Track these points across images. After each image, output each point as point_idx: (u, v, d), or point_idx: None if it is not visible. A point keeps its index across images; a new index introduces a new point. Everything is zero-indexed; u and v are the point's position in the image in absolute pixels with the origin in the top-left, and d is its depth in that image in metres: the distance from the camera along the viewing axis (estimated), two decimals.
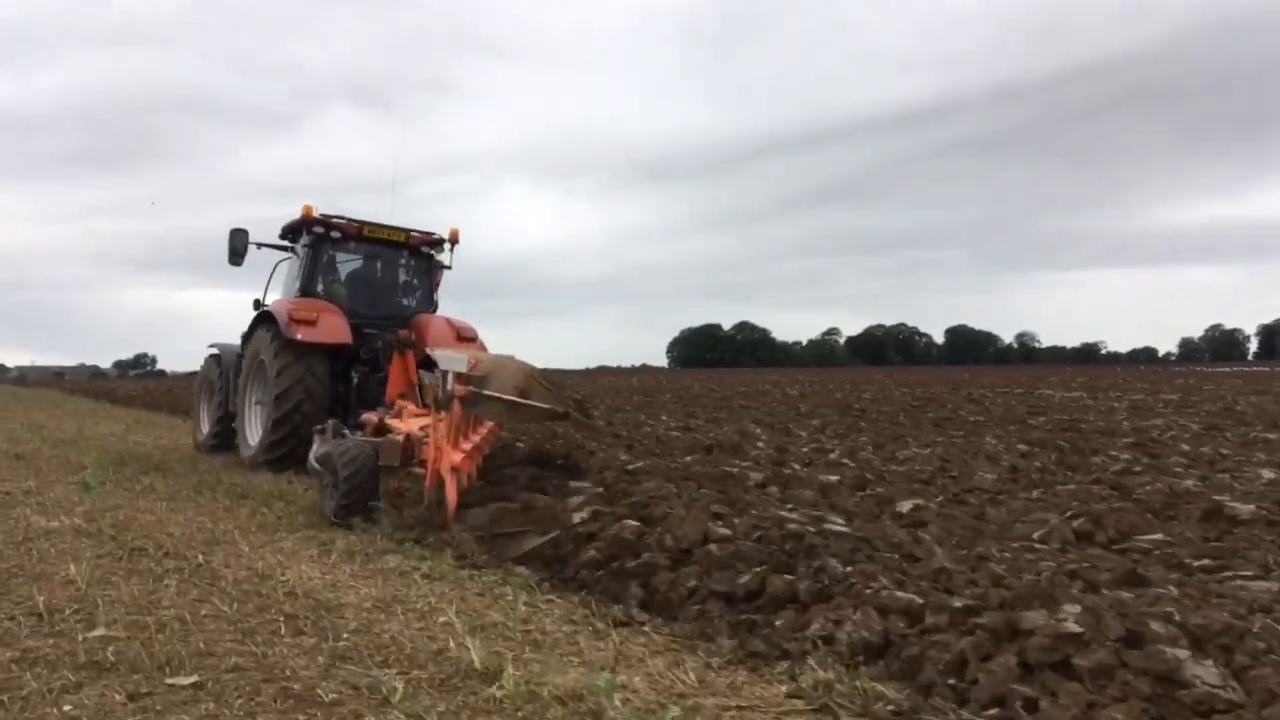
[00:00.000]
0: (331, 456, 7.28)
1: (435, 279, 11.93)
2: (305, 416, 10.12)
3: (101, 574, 5.28)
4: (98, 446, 13.11)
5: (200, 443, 12.69)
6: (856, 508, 6.59)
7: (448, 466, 6.75)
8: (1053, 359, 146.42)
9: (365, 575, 5.47)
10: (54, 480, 9.42)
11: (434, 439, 7.01)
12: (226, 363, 12.25)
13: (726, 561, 4.83)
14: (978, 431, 12.76)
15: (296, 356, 10.23)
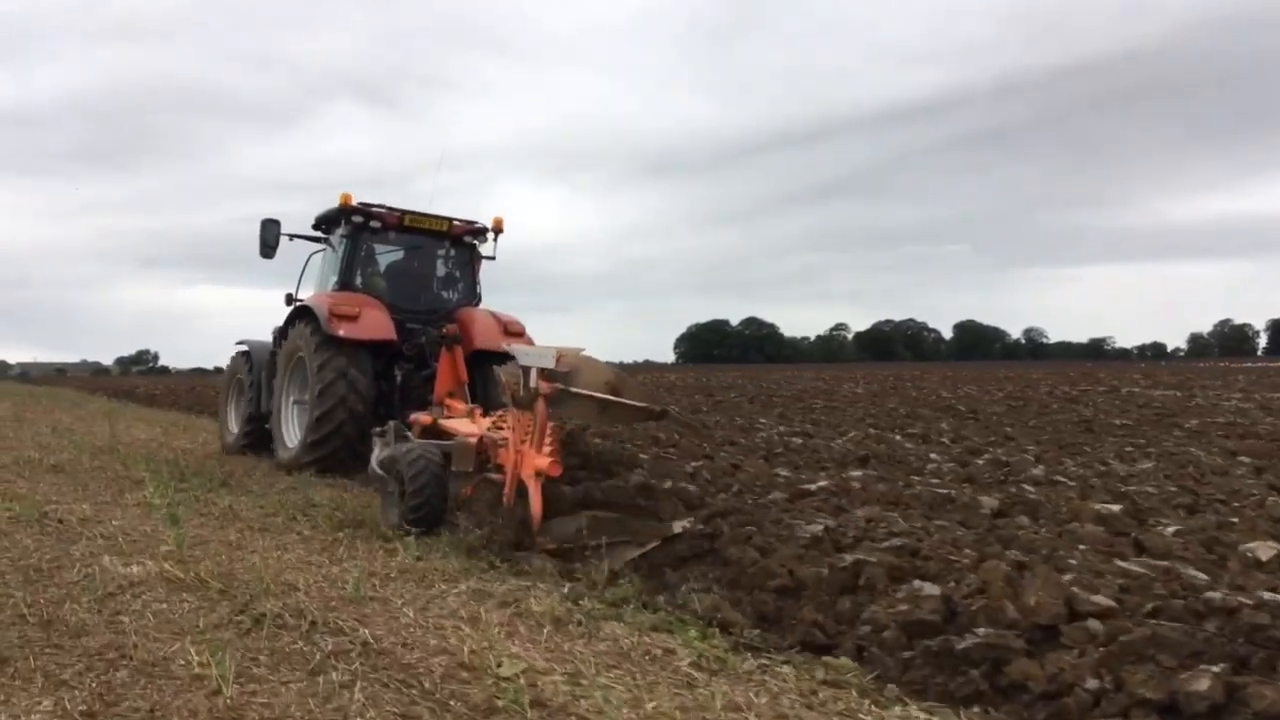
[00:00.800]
0: (397, 461, 6.65)
1: (477, 270, 11.29)
2: (349, 416, 9.52)
3: (239, 662, 3.66)
4: (142, 454, 11.49)
5: (229, 444, 12.06)
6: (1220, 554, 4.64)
7: (531, 472, 6.12)
8: (1061, 355, 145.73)
9: (609, 662, 3.89)
10: (109, 501, 7.77)
11: (513, 441, 6.38)
12: (257, 360, 11.62)
13: (1139, 649, 3.31)
14: (1155, 440, 10.52)
15: (338, 353, 9.62)
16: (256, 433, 11.46)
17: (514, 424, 6.39)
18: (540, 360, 6.01)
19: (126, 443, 13.36)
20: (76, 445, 12.74)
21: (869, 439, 10.66)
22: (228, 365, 12.66)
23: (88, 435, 14.66)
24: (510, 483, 6.34)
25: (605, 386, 6.17)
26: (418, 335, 10.40)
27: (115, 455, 11.40)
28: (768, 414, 15.50)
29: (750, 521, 5.63)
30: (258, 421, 11.41)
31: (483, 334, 10.29)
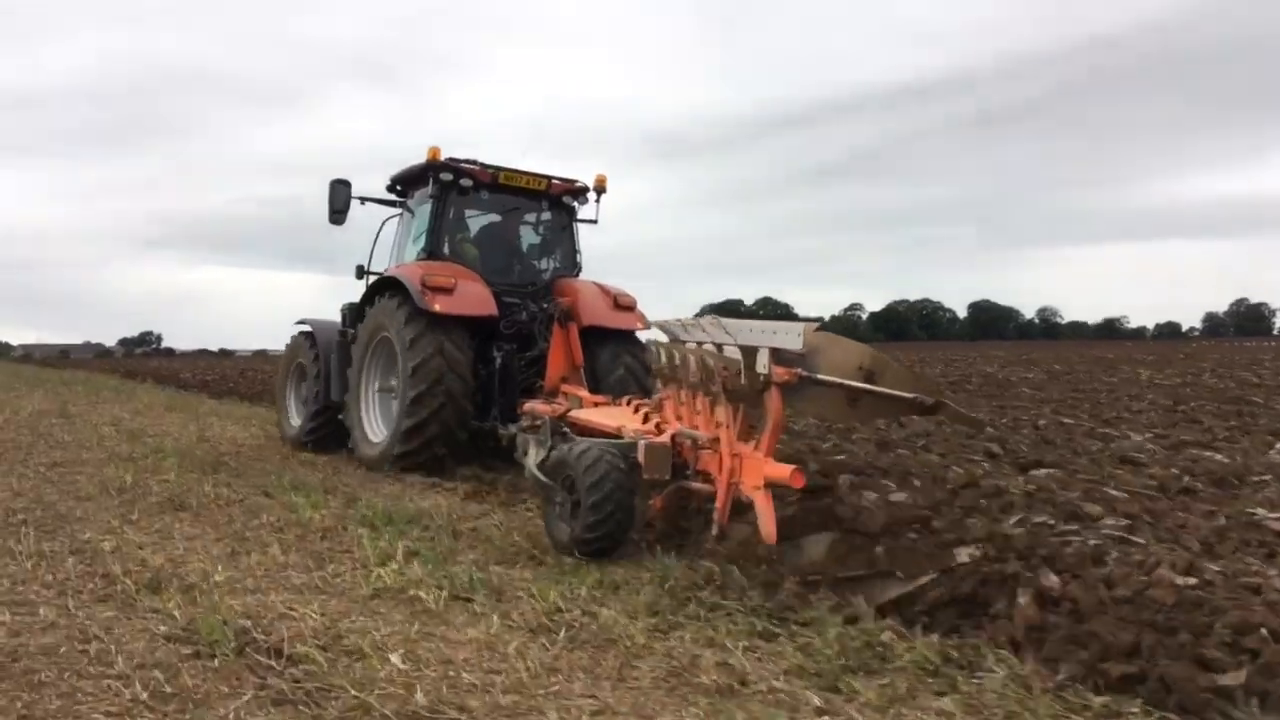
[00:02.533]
0: (568, 465, 5.20)
1: (577, 235, 9.81)
2: (448, 401, 8.09)
3: None
4: (266, 470, 8.47)
5: (292, 436, 10.61)
6: None
7: (760, 482, 4.68)
8: (1075, 334, 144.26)
9: None
10: (332, 590, 4.54)
11: (727, 442, 4.93)
12: (324, 342, 10.16)
13: None
14: None
15: (434, 332, 8.18)
16: (326, 424, 10.03)
17: (728, 421, 4.94)
18: (779, 338, 4.54)
19: (224, 449, 10.17)
20: (162, 451, 9.53)
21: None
22: (286, 348, 11.20)
23: (162, 434, 11.54)
24: (724, 496, 4.90)
25: (858, 372, 4.71)
26: (516, 310, 8.95)
27: (232, 473, 8.31)
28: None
29: (1059, 552, 4.16)
30: (327, 412, 9.99)
31: (591, 309, 8.84)
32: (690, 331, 6.29)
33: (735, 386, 4.95)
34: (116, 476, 7.80)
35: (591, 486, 5.00)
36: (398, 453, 8.15)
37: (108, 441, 10.75)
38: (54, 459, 9.09)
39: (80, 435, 11.51)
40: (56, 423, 13.18)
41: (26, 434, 11.56)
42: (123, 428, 12.49)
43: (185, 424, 13.21)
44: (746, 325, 4.77)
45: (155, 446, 10.03)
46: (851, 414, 4.79)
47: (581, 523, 5.05)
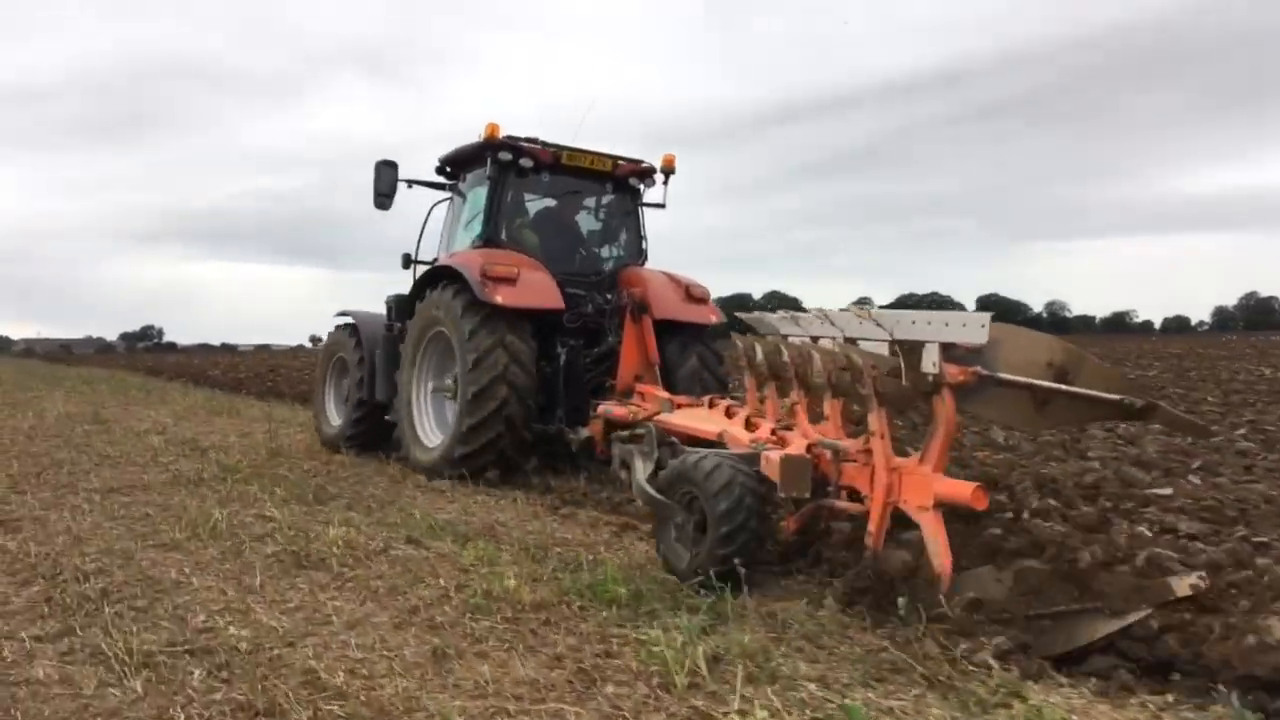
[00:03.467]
0: (692, 483, 4.54)
1: (642, 221, 9.14)
2: (512, 400, 7.43)
3: None
4: (380, 498, 6.89)
5: (332, 437, 9.95)
6: None
7: (928, 502, 4.02)
8: (1084, 329, 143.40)
9: None
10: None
11: (881, 454, 4.26)
12: (368, 336, 9.50)
13: None
14: None
15: (494, 324, 7.52)
16: (370, 426, 9.38)
17: (876, 429, 4.27)
18: (952, 331, 3.87)
19: (314, 466, 8.50)
20: (253, 478, 7.53)
21: None
22: (325, 342, 10.53)
23: (230, 449, 9.48)
24: (880, 517, 4.24)
25: (1047, 369, 4.04)
26: (581, 303, 8.29)
27: (357, 508, 6.48)
28: None
29: None
30: (372, 412, 9.34)
31: (662, 301, 8.19)
32: (802, 324, 5.64)
33: (889, 388, 4.28)
34: (198, 510, 6.09)
35: (724, 512, 4.34)
36: (457, 457, 7.50)
37: (163, 456, 9.07)
38: (107, 481, 7.50)
39: (126, 447, 9.78)
40: (92, 430, 11.43)
41: (62, 445, 9.94)
42: (171, 436, 10.80)
43: (242, 430, 11.59)
44: (907, 316, 4.09)
45: (224, 463, 8.33)
46: (1039, 419, 4.11)
47: (709, 549, 4.38)
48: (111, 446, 9.80)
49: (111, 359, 58.11)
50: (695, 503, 4.54)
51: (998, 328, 3.90)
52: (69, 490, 7.14)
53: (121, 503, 6.62)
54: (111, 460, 8.83)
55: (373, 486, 7.47)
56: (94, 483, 7.40)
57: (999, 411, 4.15)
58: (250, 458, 8.84)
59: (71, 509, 6.36)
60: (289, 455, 9.23)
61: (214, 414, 14.20)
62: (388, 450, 8.85)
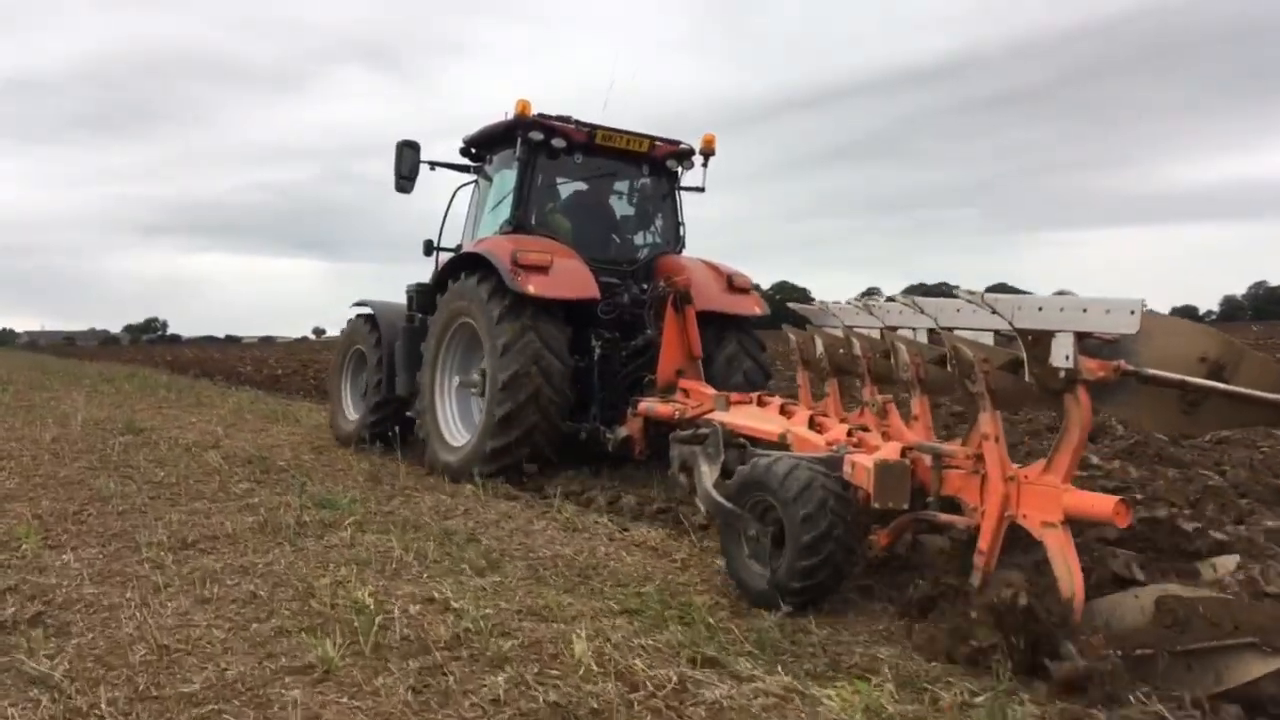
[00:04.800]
0: (765, 486, 4.00)
1: (680, 205, 8.58)
2: (545, 396, 6.92)
3: None
4: (585, 567, 4.74)
5: (348, 433, 9.45)
6: None
7: (1057, 517, 3.47)
8: None
9: None
10: None
11: (996, 462, 3.71)
12: (387, 327, 8.98)
13: None
14: None
15: (526, 317, 6.98)
16: (387, 421, 8.87)
17: (992, 431, 3.72)
18: (1093, 319, 3.31)
19: (451, 505, 6.30)
20: (408, 531, 5.41)
21: None
22: (342, 333, 10.01)
23: (315, 475, 7.44)
24: (993, 534, 3.68)
25: (1200, 364, 3.48)
26: (617, 292, 7.74)
27: (568, 583, 4.46)
28: None
29: None
30: (389, 406, 8.83)
31: (705, 292, 7.64)
32: (877, 314, 5.09)
33: (1003, 385, 3.73)
34: (331, 590, 4.14)
35: (806, 520, 3.79)
36: (488, 452, 6.95)
37: (232, 483, 6.96)
38: (173, 527, 5.41)
39: (180, 469, 7.51)
40: (130, 444, 9.06)
41: (99, 467, 7.67)
42: (230, 453, 8.56)
43: (312, 443, 9.50)
44: (1032, 302, 3.53)
45: (319, 497, 6.21)
46: (1188, 421, 3.55)
47: (789, 566, 3.84)
48: (162, 468, 7.57)
49: (119, 352, 57.36)
50: (770, 512, 4.00)
51: (1146, 317, 3.34)
52: (125, 545, 5.00)
53: (207, 570, 4.48)
54: (168, 491, 6.61)
55: (530, 536, 5.37)
56: (157, 531, 5.28)
57: (1140, 412, 3.58)
58: (344, 483, 7.02)
59: (138, 584, 4.27)
60: (394, 482, 7.12)
61: (267, 420, 11.98)
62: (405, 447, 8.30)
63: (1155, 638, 3.31)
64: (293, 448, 9.17)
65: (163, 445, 9.13)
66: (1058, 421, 3.83)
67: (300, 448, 9.21)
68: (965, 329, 4.09)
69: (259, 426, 11.25)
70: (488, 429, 6.96)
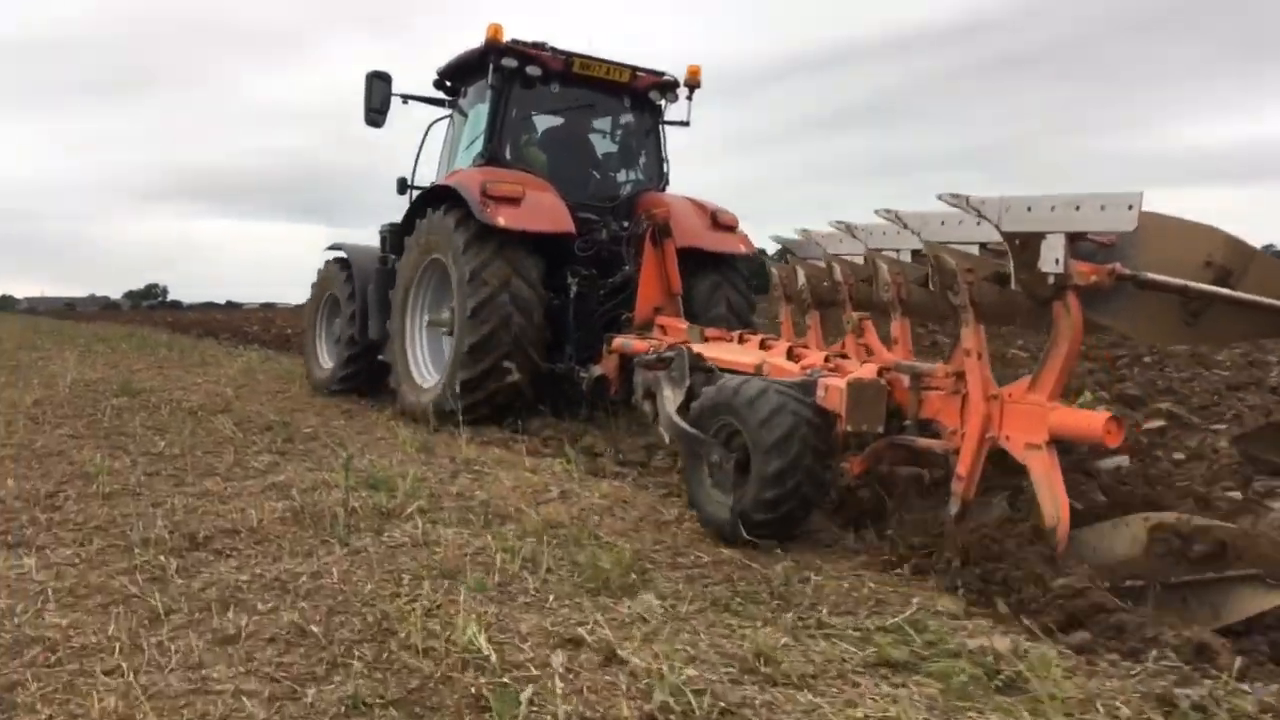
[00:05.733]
0: (733, 412, 3.69)
1: (664, 140, 8.21)
2: (514, 342, 6.56)
3: None
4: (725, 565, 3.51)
5: (321, 380, 9.17)
6: None
7: (1040, 439, 3.16)
8: None
9: None
10: None
11: (977, 382, 3.40)
12: (360, 270, 8.65)
13: None
14: None
15: (497, 252, 6.66)
16: (361, 367, 8.58)
17: (975, 346, 3.39)
18: (1087, 216, 2.96)
19: (518, 487, 4.76)
20: (441, 515, 4.19)
21: None
22: (316, 279, 9.68)
23: (351, 443, 6.03)
24: (972, 458, 3.37)
25: (1206, 269, 3.15)
26: (594, 229, 7.39)
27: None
28: None
29: None
30: (363, 352, 8.53)
31: (686, 227, 7.30)
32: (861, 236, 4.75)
33: (988, 297, 3.40)
34: (414, 626, 2.77)
35: (774, 444, 3.48)
36: (457, 392, 6.65)
37: (249, 455, 5.60)
38: (177, 516, 4.07)
39: (184, 437, 6.16)
40: (125, 407, 7.72)
41: (85, 435, 6.32)
42: (243, 418, 7.15)
43: (342, 407, 8.09)
44: (1020, 202, 3.18)
45: (365, 473, 4.80)
46: (1188, 332, 3.22)
47: (754, 496, 3.54)
48: (162, 437, 6.21)
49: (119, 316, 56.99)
50: (736, 438, 3.69)
51: (1145, 215, 2.99)
52: (110, 543, 3.68)
53: (226, 585, 3.19)
54: (170, 465, 5.26)
55: (664, 530, 4.01)
56: (155, 522, 3.93)
57: (1137, 323, 3.25)
58: (390, 455, 5.60)
59: (126, 609, 2.96)
60: (452, 453, 5.70)
61: (282, 380, 10.39)
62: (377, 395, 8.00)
63: (1148, 569, 3.03)
64: (317, 411, 7.82)
65: (163, 409, 7.64)
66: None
67: (327, 411, 7.84)
68: (951, 243, 3.76)
69: (274, 388, 9.71)
70: (457, 360, 6.66)
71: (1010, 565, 3.08)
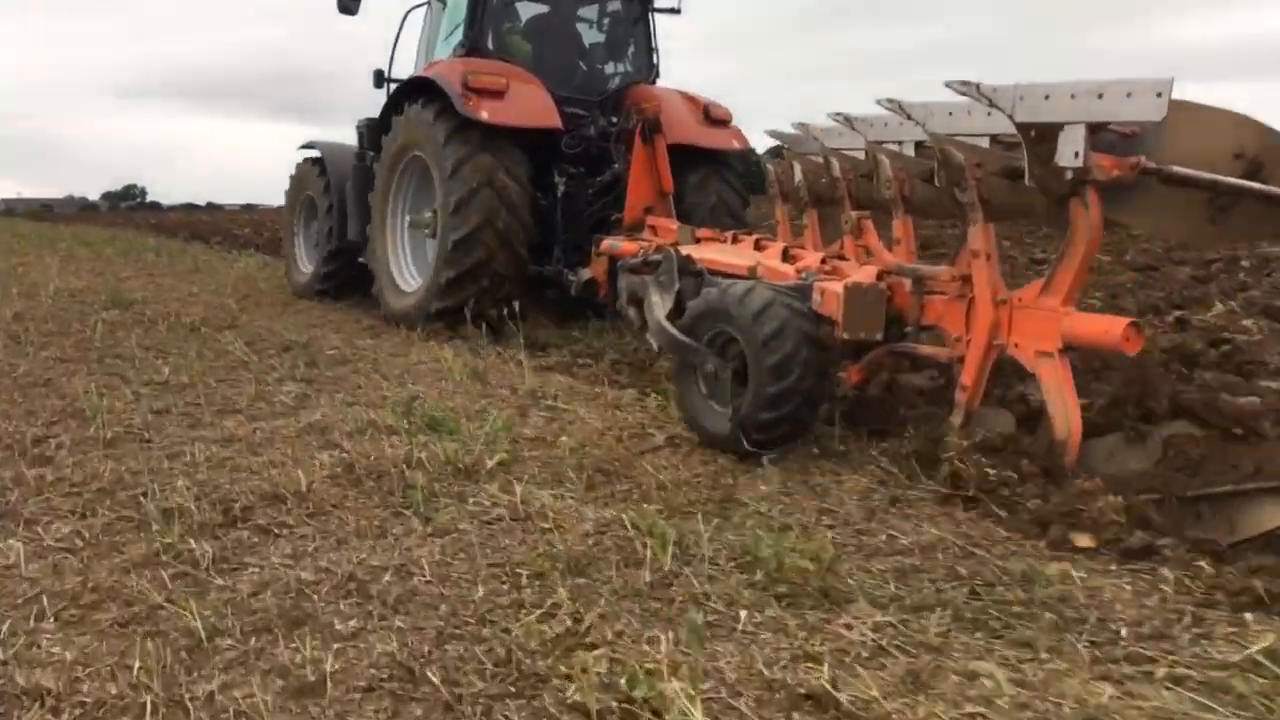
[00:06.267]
0: (727, 318, 3.48)
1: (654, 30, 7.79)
2: (498, 242, 6.31)
3: None
4: None
5: (301, 285, 8.91)
6: None
7: (1052, 346, 2.98)
8: None
9: None
10: None
11: (988, 283, 3.19)
12: (336, 169, 8.31)
13: None
14: None
15: (480, 147, 6.34)
16: (342, 270, 8.32)
17: (983, 246, 3.18)
18: (1118, 105, 2.71)
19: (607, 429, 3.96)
20: (536, 471, 3.42)
21: None
22: (291, 179, 9.32)
23: (390, 368, 5.35)
24: (978, 366, 3.20)
25: (1236, 162, 2.91)
26: (582, 124, 7.05)
27: None
28: None
29: None
30: (343, 256, 8.25)
31: (677, 122, 6.96)
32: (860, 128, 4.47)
33: (998, 193, 3.17)
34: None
35: (774, 366, 3.28)
36: (437, 306, 6.44)
37: (271, 386, 4.77)
38: (199, 472, 3.32)
39: (191, 361, 5.36)
40: (117, 321, 6.91)
41: (74, 359, 5.53)
42: (255, 337, 6.37)
43: (363, 323, 7.11)
44: (1037, 89, 2.92)
45: (420, 412, 3.98)
46: (1213, 231, 3.00)
47: (752, 406, 3.36)
48: (165, 360, 5.38)
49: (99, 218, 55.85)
50: (732, 346, 3.49)
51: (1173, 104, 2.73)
52: (123, 516, 2.93)
53: (289, 594, 2.40)
54: (181, 399, 4.45)
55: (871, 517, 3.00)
56: (176, 484, 3.14)
57: (1160, 221, 3.03)
58: (442, 388, 4.72)
59: (150, 628, 2.22)
60: (510, 381, 4.91)
61: (286, 290, 9.23)
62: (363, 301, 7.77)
63: (1163, 481, 2.88)
64: (336, 327, 6.94)
65: (161, 325, 6.80)
66: None
67: (347, 327, 6.96)
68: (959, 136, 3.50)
69: (281, 299, 8.72)
70: (441, 261, 6.41)
71: None
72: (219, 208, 71.27)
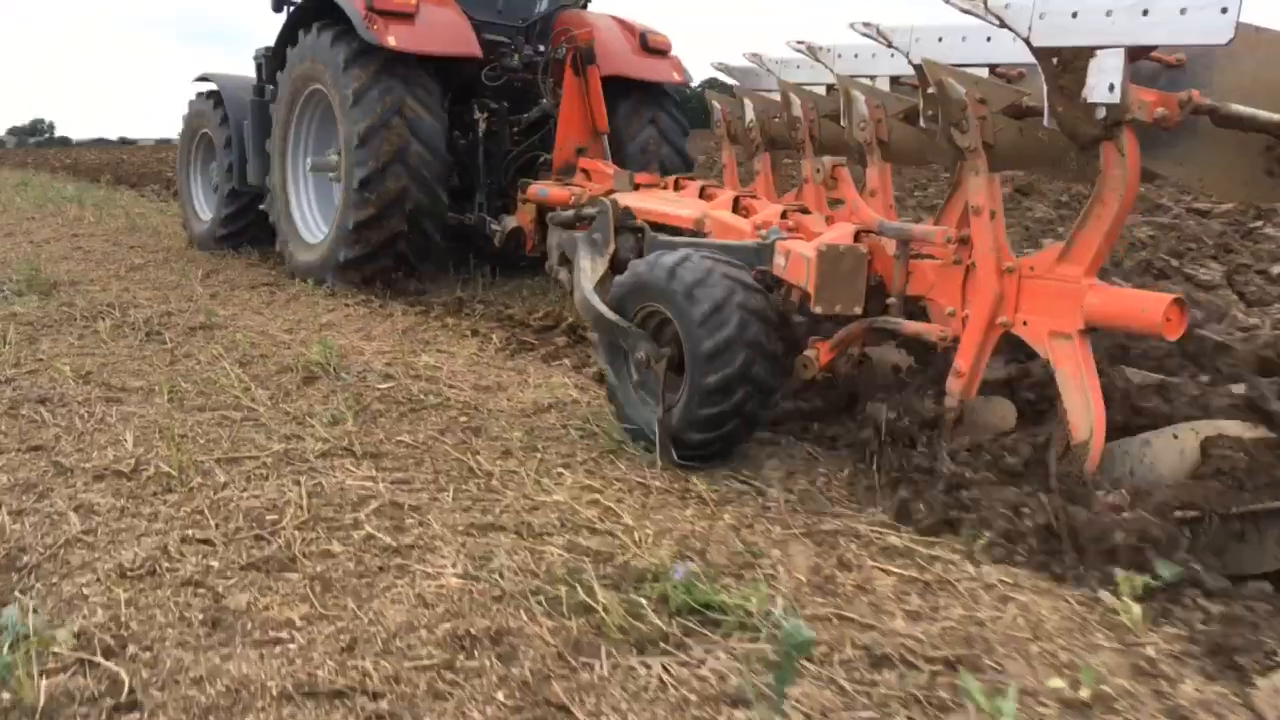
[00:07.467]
0: (661, 294, 2.85)
1: None
2: (412, 183, 5.61)
3: None
4: None
5: (200, 235, 8.05)
6: None
7: (1071, 327, 2.43)
8: None
9: None
10: None
11: (993, 247, 2.61)
12: (234, 106, 7.42)
13: None
14: None
15: (390, 82, 5.61)
16: (243, 218, 7.52)
17: (986, 202, 2.59)
18: (1172, 26, 2.12)
19: None
20: None
21: None
22: (184, 118, 8.37)
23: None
24: (974, 348, 2.63)
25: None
26: (505, 53, 6.30)
27: None
28: None
29: None
30: (244, 201, 7.43)
31: (611, 52, 6.25)
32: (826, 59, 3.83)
33: (1007, 137, 2.57)
34: None
35: (713, 352, 2.66)
36: (346, 255, 5.73)
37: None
38: None
39: (188, 426, 3.19)
40: (33, 319, 4.83)
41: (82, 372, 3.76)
42: (255, 352, 4.22)
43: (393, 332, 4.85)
44: (1064, 8, 2.31)
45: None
46: (1269, 185, 2.44)
47: (690, 410, 2.75)
48: (122, 417, 3.30)
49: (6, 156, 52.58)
50: (666, 328, 2.87)
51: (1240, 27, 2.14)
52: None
53: None
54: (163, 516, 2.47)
55: None
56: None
57: (1209, 171, 2.45)
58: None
59: None
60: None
61: (269, 263, 7.03)
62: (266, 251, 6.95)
63: (1200, 494, 2.36)
64: (358, 325, 5.03)
65: (101, 325, 4.64)
66: None
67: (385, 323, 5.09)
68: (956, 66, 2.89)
69: (257, 279, 6.44)
70: (347, 203, 5.68)
71: None
72: (132, 142, 67.87)
